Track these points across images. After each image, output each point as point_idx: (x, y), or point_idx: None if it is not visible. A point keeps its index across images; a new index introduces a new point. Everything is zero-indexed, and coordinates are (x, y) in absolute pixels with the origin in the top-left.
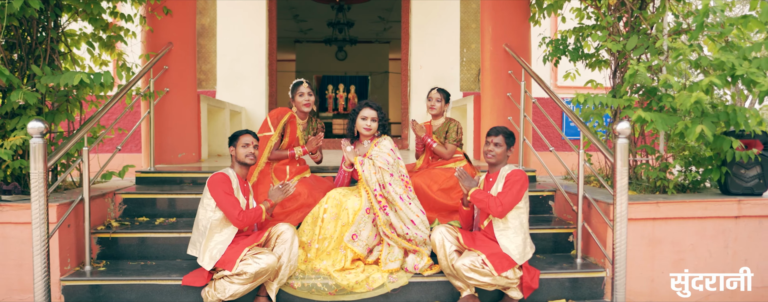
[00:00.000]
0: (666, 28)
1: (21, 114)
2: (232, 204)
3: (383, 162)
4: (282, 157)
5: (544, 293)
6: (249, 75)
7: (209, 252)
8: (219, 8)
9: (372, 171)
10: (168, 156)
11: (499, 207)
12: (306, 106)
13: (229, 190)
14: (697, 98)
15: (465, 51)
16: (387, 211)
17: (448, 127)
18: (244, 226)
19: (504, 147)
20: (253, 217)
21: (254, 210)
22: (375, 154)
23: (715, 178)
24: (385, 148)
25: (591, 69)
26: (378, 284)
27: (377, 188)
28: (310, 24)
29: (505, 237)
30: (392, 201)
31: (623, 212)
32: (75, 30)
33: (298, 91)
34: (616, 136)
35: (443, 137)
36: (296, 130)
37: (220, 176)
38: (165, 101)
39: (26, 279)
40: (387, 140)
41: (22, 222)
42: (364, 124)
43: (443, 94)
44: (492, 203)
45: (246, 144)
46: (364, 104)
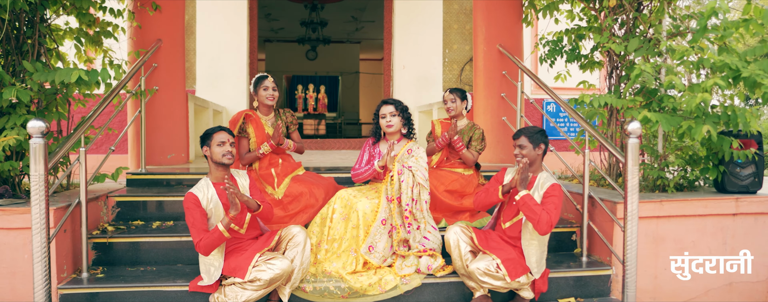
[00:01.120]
0: (664, 30)
1: (9, 113)
2: (194, 232)
3: (422, 179)
4: (254, 159)
5: (553, 292)
6: (229, 74)
7: (206, 272)
8: (198, 6)
9: (410, 185)
10: (157, 157)
11: (548, 226)
12: (269, 100)
13: (193, 217)
14: (702, 99)
15: (447, 51)
16: (409, 229)
17: (473, 132)
18: (208, 253)
19: (530, 146)
20: (213, 240)
21: (211, 233)
22: (414, 167)
23: (712, 177)
24: (422, 162)
25: (583, 70)
26: (391, 286)
27: (409, 203)
28: (281, 23)
29: (531, 248)
30: (419, 219)
31: (634, 211)
32: (60, 25)
33: (262, 85)
34: (628, 135)
35: (467, 142)
36: (262, 127)
37: (188, 198)
38: (154, 100)
39: (20, 287)
40: (421, 150)
41: (16, 228)
42: (384, 122)
43: (458, 93)
44: (543, 219)
45: (221, 142)
46: (382, 102)
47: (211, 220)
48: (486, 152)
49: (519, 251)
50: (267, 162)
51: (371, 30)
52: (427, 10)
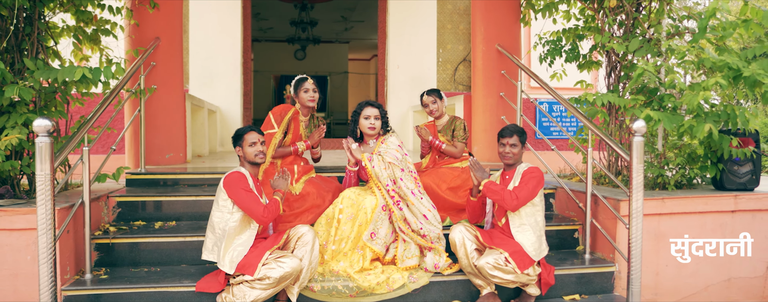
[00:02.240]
0: (664, 30)
1: (10, 112)
2: (254, 200)
3: (392, 158)
4: (285, 154)
5: (557, 289)
6: (223, 74)
7: (229, 256)
8: (191, 6)
9: (382, 166)
10: (156, 156)
11: (514, 201)
12: (311, 101)
13: (248, 188)
14: (703, 97)
15: (441, 51)
16: (401, 206)
17: (454, 124)
18: (268, 222)
19: (519, 146)
20: (274, 211)
21: (272, 204)
22: (383, 150)
23: (711, 175)
24: (392, 145)
25: (581, 70)
26: (398, 284)
27: (389, 183)
28: (270, 23)
29: (521, 234)
30: (404, 196)
31: (639, 208)
32: (57, 23)
33: (303, 87)
34: (633, 133)
35: (450, 135)
36: (299, 126)
37: (236, 175)
38: (152, 100)
39: (22, 289)
40: (394, 136)
41: (18, 229)
42: (367, 124)
43: (436, 95)
44: (506, 195)
45: (253, 142)
46: (365, 104)
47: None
48: (484, 151)
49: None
50: (291, 160)
51: (361, 30)
52: (421, 10)
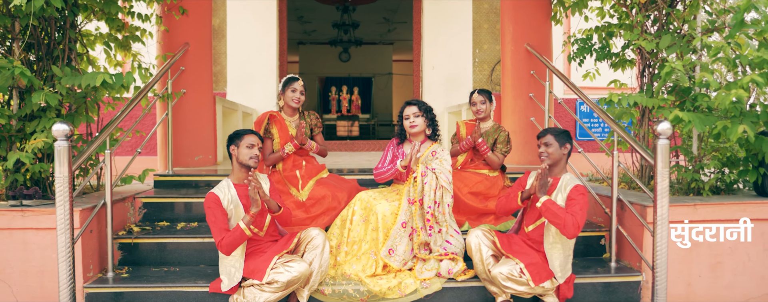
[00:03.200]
0: (699, 26)
1: (40, 116)
2: (215, 231)
3: (446, 181)
4: (277, 159)
5: (579, 298)
6: (260, 76)
7: (226, 273)
8: (229, 9)
9: (433, 187)
10: (185, 159)
11: (575, 229)
12: (294, 102)
13: (215, 216)
14: (736, 95)
15: (477, 51)
16: (431, 232)
17: (498, 134)
18: (230, 252)
19: (556, 145)
20: (235, 239)
21: (233, 232)
22: (438, 169)
23: (751, 180)
24: (446, 164)
25: (615, 69)
26: (411, 290)
27: (431, 205)
28: (314, 25)
29: (554, 251)
30: (441, 222)
31: (664, 215)
32: (91, 30)
33: (291, 87)
34: (657, 136)
35: (491, 143)
36: (286, 128)
37: (208, 199)
38: (181, 103)
39: (48, 286)
40: (446, 153)
41: (45, 228)
42: (408, 123)
43: (486, 95)
44: (569, 222)
45: (251, 144)
46: (405, 104)
47: (232, 221)
48: (513, 153)
49: (542, 255)
50: (291, 164)
51: (403, 31)
52: (457, 9)
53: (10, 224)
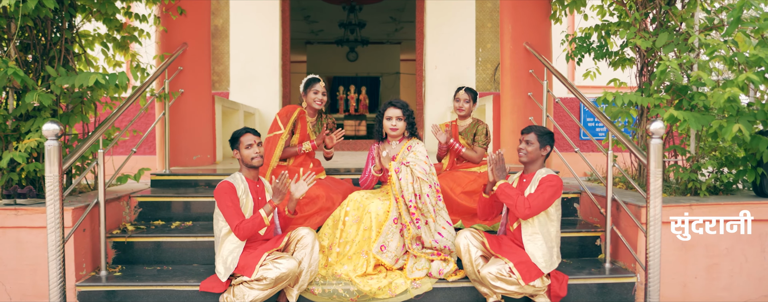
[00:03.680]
0: (697, 24)
1: (35, 116)
2: (231, 215)
3: (422, 172)
4: (292, 154)
5: (573, 298)
6: (262, 76)
7: (223, 263)
8: (232, 9)
9: (409, 180)
10: (183, 158)
11: (526, 209)
12: (318, 104)
13: (231, 201)
14: (730, 94)
15: (480, 50)
16: (419, 225)
17: (476, 128)
18: (246, 238)
19: (536, 145)
20: (254, 225)
21: (253, 218)
22: (412, 161)
23: (749, 180)
24: (421, 156)
25: (614, 67)
26: (401, 290)
27: (412, 199)
28: (321, 25)
29: (532, 244)
30: (426, 213)
31: (657, 215)
32: (89, 31)
33: (313, 88)
34: (650, 136)
35: (471, 139)
36: (306, 126)
37: (223, 185)
38: (180, 102)
39: (41, 284)
40: (421, 146)
41: (38, 227)
42: (389, 125)
43: (471, 94)
44: (520, 202)
45: (249, 144)
46: (388, 104)
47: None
48: (513, 153)
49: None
50: (300, 161)
51: (410, 30)
52: (460, 8)
53: (4, 223)
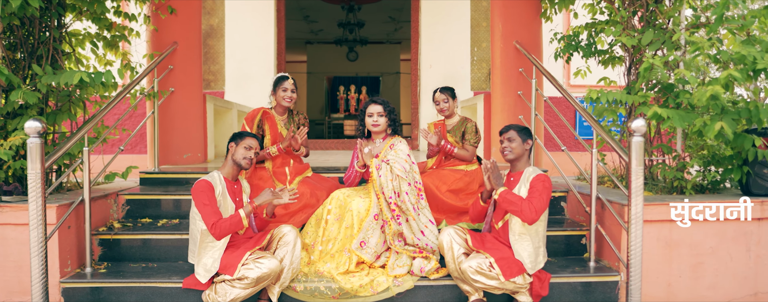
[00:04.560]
0: (683, 22)
1: (22, 114)
2: (208, 214)
3: (401, 170)
4: (263, 157)
5: (556, 297)
6: (258, 76)
7: (203, 265)
8: (227, 8)
9: (389, 177)
10: (173, 156)
11: (534, 214)
12: (287, 101)
13: (209, 199)
14: (713, 92)
15: (476, 50)
16: (399, 221)
17: (465, 126)
18: (222, 237)
19: (518, 140)
20: (231, 225)
21: (231, 218)
22: (392, 159)
23: (735, 178)
24: (401, 153)
25: (604, 66)
26: (383, 288)
27: (392, 196)
28: (320, 25)
29: (520, 244)
30: (406, 210)
31: (638, 214)
32: (80, 30)
33: (282, 86)
34: (631, 133)
35: (460, 137)
36: (276, 125)
37: (201, 184)
38: (170, 101)
39: (26, 281)
40: (403, 144)
41: (22, 223)
42: (371, 121)
43: (448, 93)
44: (525, 207)
45: (249, 146)
46: (369, 101)
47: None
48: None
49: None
50: (281, 162)
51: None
52: (455, 8)
53: None
